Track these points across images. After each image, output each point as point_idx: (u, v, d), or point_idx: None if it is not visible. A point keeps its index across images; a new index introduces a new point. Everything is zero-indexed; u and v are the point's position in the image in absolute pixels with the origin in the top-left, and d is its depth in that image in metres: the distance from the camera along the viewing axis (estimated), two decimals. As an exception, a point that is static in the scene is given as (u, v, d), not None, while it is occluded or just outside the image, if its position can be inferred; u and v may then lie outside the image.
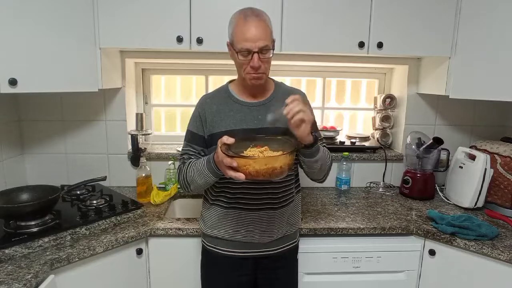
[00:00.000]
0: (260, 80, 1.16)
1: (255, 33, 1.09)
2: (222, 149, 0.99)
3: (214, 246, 1.28)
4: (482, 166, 1.66)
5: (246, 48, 1.09)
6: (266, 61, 1.14)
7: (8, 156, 1.78)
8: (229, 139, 1.01)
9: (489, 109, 2.08)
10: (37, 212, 1.35)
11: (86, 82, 1.58)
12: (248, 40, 1.09)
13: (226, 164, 0.98)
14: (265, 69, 1.15)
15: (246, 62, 1.12)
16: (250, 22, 1.10)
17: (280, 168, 0.97)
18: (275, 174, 0.98)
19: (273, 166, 0.96)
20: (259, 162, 0.96)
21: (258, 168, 0.96)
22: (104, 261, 1.36)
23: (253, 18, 1.10)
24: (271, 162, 0.97)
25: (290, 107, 1.03)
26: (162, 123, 2.22)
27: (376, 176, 2.09)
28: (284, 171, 1.00)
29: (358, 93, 2.27)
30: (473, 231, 1.41)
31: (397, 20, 1.67)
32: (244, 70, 1.14)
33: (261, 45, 1.09)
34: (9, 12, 1.33)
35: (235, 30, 1.12)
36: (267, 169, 0.96)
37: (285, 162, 0.99)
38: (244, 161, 0.97)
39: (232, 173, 0.98)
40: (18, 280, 1.07)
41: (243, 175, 0.96)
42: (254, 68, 1.11)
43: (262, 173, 0.96)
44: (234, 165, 0.97)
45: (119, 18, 1.57)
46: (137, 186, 1.77)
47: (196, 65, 2.10)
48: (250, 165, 0.96)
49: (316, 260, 1.49)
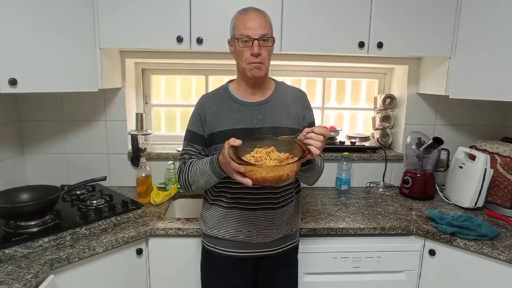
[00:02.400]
0: (259, 70, 1.16)
1: (256, 22, 1.13)
2: (229, 153, 0.98)
3: (214, 246, 1.28)
4: (482, 166, 1.66)
5: (247, 35, 1.13)
6: (266, 50, 1.16)
7: (8, 156, 1.79)
8: (236, 141, 1.00)
9: (489, 109, 2.08)
10: (37, 212, 1.35)
11: (86, 82, 1.58)
12: (248, 28, 1.13)
13: (234, 169, 0.98)
14: (264, 59, 1.16)
15: (246, 49, 1.14)
16: (250, 13, 1.16)
17: (287, 176, 0.97)
18: (282, 181, 0.98)
19: (280, 174, 0.96)
20: (267, 169, 0.96)
21: (265, 175, 0.95)
22: (104, 261, 1.36)
23: (254, 10, 1.17)
24: (279, 170, 0.96)
25: (319, 140, 1.01)
26: (162, 123, 2.22)
27: (376, 176, 2.09)
28: (290, 178, 0.99)
29: (358, 93, 2.27)
30: (473, 231, 1.41)
31: (397, 20, 1.67)
32: (245, 60, 1.16)
33: (261, 33, 1.13)
34: (9, 12, 1.33)
35: (237, 21, 1.16)
36: (274, 176, 0.95)
37: (293, 169, 0.98)
38: (252, 167, 0.96)
39: (240, 178, 0.97)
40: (18, 280, 1.07)
41: (250, 181, 0.96)
42: (254, 54, 1.13)
43: (269, 180, 0.96)
44: (241, 170, 0.96)
45: (119, 18, 1.57)
46: (137, 186, 1.77)
47: (196, 65, 2.10)
48: (258, 172, 0.96)
49: (316, 260, 1.49)
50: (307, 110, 1.29)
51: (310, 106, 1.31)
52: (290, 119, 1.23)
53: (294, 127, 1.22)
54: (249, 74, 1.17)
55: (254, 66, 1.15)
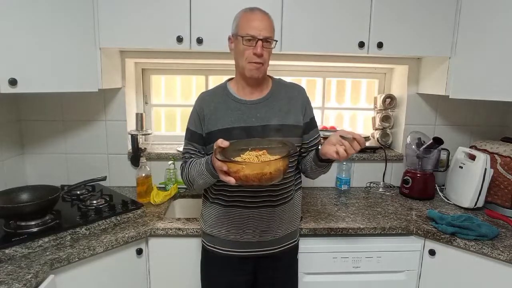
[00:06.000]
0: (259, 71, 1.18)
1: (261, 23, 1.15)
2: (215, 152, 1.00)
3: (214, 246, 1.28)
4: (482, 166, 1.66)
5: (252, 35, 1.13)
6: (268, 52, 1.18)
7: (8, 156, 1.78)
8: (224, 143, 1.01)
9: (489, 109, 2.08)
10: (37, 212, 1.35)
11: (86, 82, 1.58)
12: (254, 28, 1.14)
13: (217, 168, 1.00)
14: (265, 60, 1.17)
15: (249, 48, 1.15)
16: (256, 13, 1.17)
17: (269, 174, 0.97)
18: (265, 179, 0.97)
19: (262, 172, 0.96)
20: (249, 167, 0.96)
21: (248, 173, 0.96)
22: (104, 261, 1.36)
23: (260, 11, 1.19)
24: (261, 167, 0.96)
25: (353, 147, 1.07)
26: (162, 123, 2.22)
27: (376, 176, 2.09)
28: (274, 177, 0.99)
29: (358, 93, 2.27)
30: (473, 231, 1.41)
31: (397, 20, 1.67)
32: (246, 59, 1.16)
33: (266, 35, 1.14)
34: (9, 13, 1.33)
35: (241, 20, 1.17)
36: (257, 174, 0.96)
37: (276, 167, 0.98)
38: (234, 165, 0.97)
39: (223, 176, 0.99)
40: (18, 280, 1.07)
41: (233, 179, 0.97)
42: (257, 55, 1.14)
43: (252, 178, 0.96)
44: (224, 169, 0.97)
45: (119, 18, 1.57)
46: (137, 186, 1.77)
47: (196, 65, 2.10)
48: (240, 170, 0.96)
49: (316, 260, 1.49)
50: (307, 105, 1.29)
51: (309, 101, 1.31)
52: (288, 116, 1.23)
53: (293, 124, 1.22)
54: (248, 74, 1.18)
55: (254, 66, 1.16)
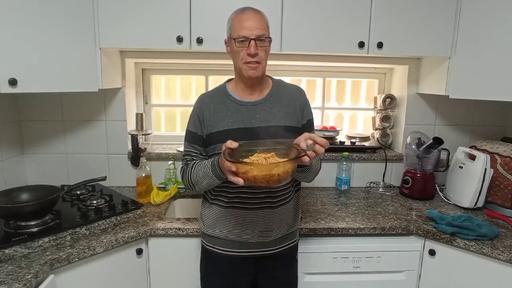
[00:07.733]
0: (256, 71, 1.17)
1: (252, 22, 1.13)
2: (224, 153, 1.00)
3: (213, 246, 1.28)
4: (482, 166, 1.66)
5: (243, 36, 1.13)
6: (263, 50, 1.16)
7: (8, 156, 1.78)
8: (233, 144, 1.01)
9: (489, 109, 2.08)
10: (37, 212, 1.35)
11: (86, 82, 1.57)
12: (245, 28, 1.13)
13: (226, 168, 1.00)
14: (261, 59, 1.16)
15: (243, 50, 1.14)
16: (247, 13, 1.15)
17: (277, 176, 0.97)
18: (273, 181, 0.98)
19: (270, 173, 0.96)
20: (258, 168, 0.97)
21: (256, 175, 0.96)
22: (104, 261, 1.36)
23: (250, 10, 1.17)
24: (269, 169, 0.96)
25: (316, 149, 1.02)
26: (162, 123, 2.22)
27: (376, 176, 2.09)
28: (282, 179, 0.99)
29: (358, 93, 2.27)
30: (473, 231, 1.41)
31: (397, 20, 1.67)
32: (241, 60, 1.16)
33: (258, 33, 1.13)
34: (9, 13, 1.33)
35: (233, 22, 1.16)
36: (265, 176, 0.96)
37: (284, 170, 0.98)
38: (243, 166, 0.98)
39: (232, 177, 0.99)
40: (18, 280, 1.07)
41: (241, 180, 0.97)
42: (251, 55, 1.13)
43: (260, 179, 0.96)
44: (232, 169, 0.98)
45: (119, 18, 1.57)
46: (137, 186, 1.77)
47: (196, 65, 2.10)
48: (249, 171, 0.97)
49: (316, 260, 1.49)
50: (305, 107, 1.29)
51: (308, 103, 1.31)
52: (288, 117, 1.23)
53: (293, 125, 1.22)
54: (246, 74, 1.17)
55: (250, 67, 1.15)
